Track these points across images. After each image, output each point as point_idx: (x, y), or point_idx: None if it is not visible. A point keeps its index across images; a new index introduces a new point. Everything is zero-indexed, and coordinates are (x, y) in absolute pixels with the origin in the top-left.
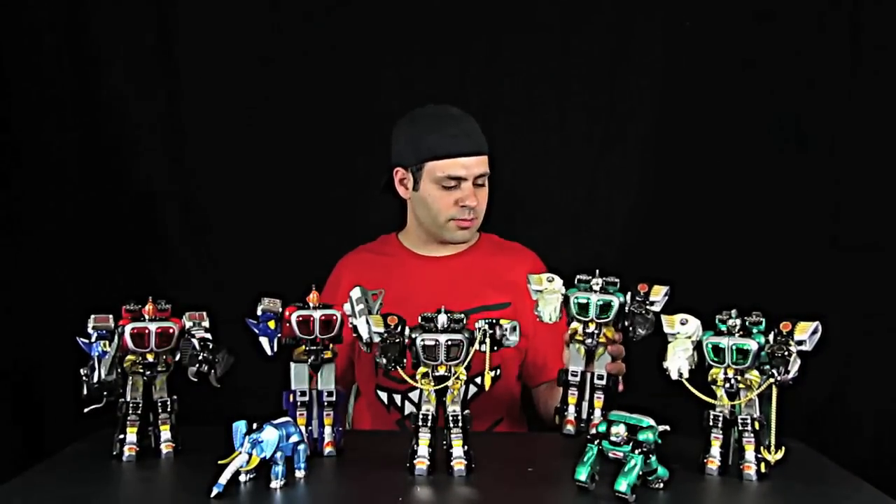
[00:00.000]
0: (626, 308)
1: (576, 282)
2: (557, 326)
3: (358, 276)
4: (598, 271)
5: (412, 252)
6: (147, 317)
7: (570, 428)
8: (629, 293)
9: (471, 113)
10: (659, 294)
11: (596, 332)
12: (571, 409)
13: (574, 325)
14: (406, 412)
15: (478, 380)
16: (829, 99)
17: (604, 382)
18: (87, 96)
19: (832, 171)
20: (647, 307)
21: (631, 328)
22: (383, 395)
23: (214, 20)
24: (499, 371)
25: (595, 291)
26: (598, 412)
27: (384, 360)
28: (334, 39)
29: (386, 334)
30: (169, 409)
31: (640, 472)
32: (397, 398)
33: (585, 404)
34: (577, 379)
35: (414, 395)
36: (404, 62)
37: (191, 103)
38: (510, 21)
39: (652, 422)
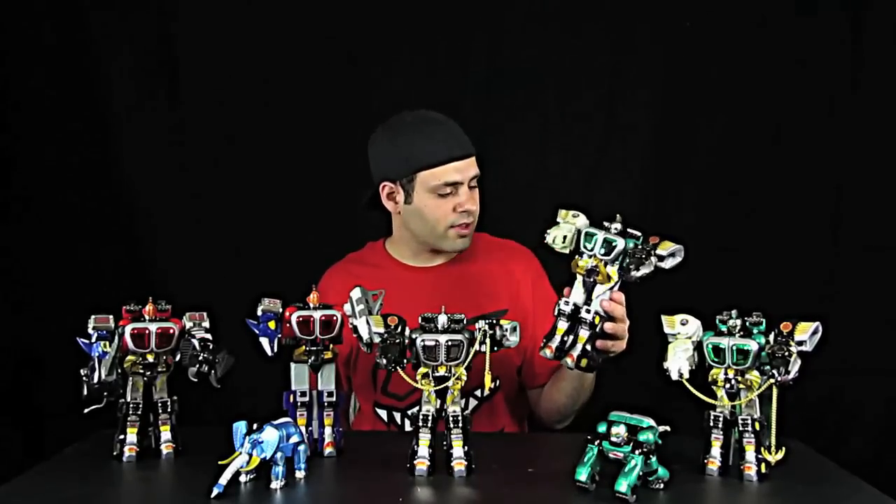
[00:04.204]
0: (631, 252)
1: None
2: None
3: (348, 291)
4: (618, 216)
5: (402, 263)
6: (147, 317)
7: (547, 353)
8: (639, 242)
9: (470, 114)
10: (667, 249)
11: (594, 267)
12: (557, 338)
13: (577, 258)
14: (407, 430)
15: (478, 392)
16: (830, 100)
17: (590, 318)
18: (88, 98)
19: (833, 172)
20: (651, 257)
21: (631, 266)
22: (383, 413)
23: (214, 25)
24: (498, 382)
25: (609, 231)
26: (578, 346)
27: (384, 361)
28: (334, 42)
29: (386, 335)
30: (169, 410)
31: (641, 473)
32: (397, 416)
33: (571, 338)
34: (570, 309)
35: (414, 412)
36: (404, 64)
37: (191, 105)
38: (510, 21)
39: (652, 422)
